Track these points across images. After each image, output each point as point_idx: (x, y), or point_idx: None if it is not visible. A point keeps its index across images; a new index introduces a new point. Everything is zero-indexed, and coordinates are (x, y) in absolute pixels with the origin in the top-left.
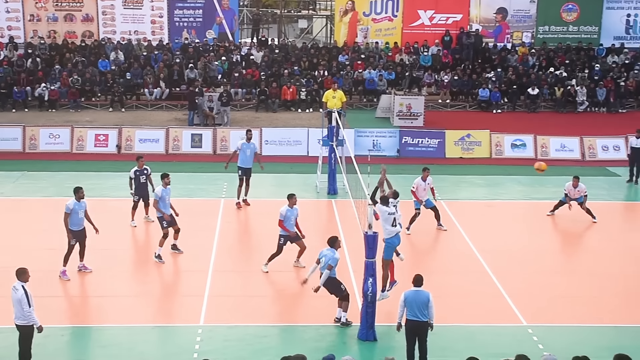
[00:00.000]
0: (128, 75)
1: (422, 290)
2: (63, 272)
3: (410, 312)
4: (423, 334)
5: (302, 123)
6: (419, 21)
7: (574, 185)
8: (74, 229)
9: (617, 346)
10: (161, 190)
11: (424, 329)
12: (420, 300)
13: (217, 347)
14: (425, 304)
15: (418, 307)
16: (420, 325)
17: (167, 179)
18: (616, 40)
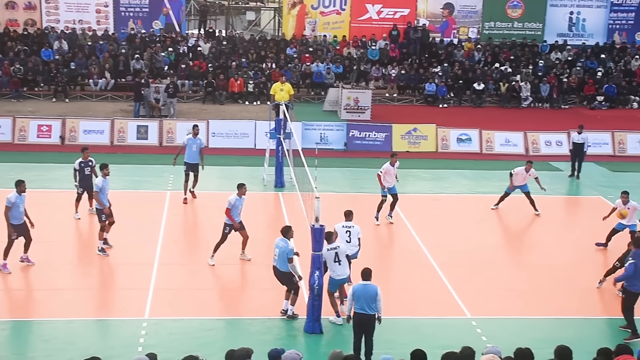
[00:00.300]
0: (72, 65)
1: (371, 284)
2: (3, 265)
3: (358, 306)
4: (370, 328)
5: (249, 115)
6: (366, 15)
7: (526, 169)
8: (15, 222)
9: (559, 338)
10: (101, 181)
11: (371, 323)
12: (368, 294)
13: (162, 340)
14: (373, 297)
15: (366, 300)
16: (367, 318)
17: (107, 170)
18: (559, 37)
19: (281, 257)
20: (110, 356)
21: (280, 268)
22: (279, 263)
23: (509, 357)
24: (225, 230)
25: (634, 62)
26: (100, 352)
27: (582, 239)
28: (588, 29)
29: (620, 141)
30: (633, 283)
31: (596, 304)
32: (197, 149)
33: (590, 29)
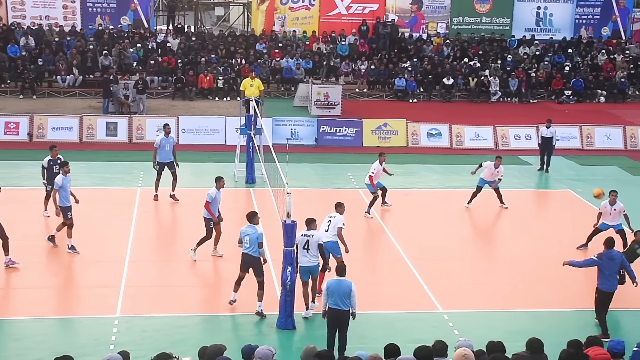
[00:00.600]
0: (39, 62)
1: (345, 280)
2: None
3: (332, 301)
4: (344, 323)
5: (219, 112)
6: (335, 10)
7: (495, 165)
8: None
9: (530, 330)
10: (61, 179)
11: (345, 318)
12: (342, 289)
13: (134, 338)
14: (347, 293)
15: (340, 296)
16: (341, 314)
17: (67, 167)
18: (527, 32)
19: (252, 243)
20: (82, 354)
21: (253, 254)
22: (251, 250)
23: (480, 350)
24: (210, 225)
25: (601, 56)
26: (72, 351)
27: (552, 232)
28: (555, 24)
29: (588, 135)
30: (604, 282)
31: (567, 297)
32: (170, 148)
33: (557, 24)
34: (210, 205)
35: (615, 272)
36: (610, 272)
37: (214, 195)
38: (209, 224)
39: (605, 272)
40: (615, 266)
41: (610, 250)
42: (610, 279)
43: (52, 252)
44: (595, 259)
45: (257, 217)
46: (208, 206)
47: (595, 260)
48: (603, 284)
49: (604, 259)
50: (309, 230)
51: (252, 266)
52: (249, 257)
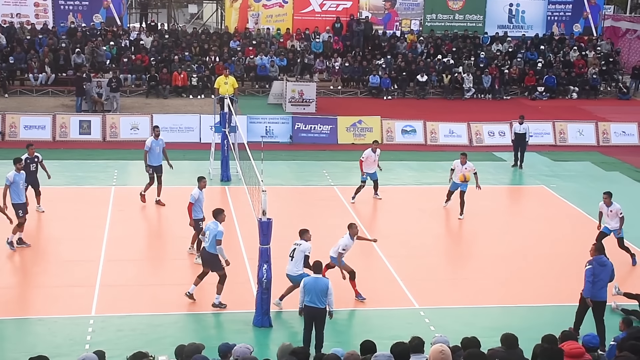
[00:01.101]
0: (11, 60)
1: (322, 278)
2: None
3: (308, 298)
4: (320, 321)
5: (193, 109)
6: (309, 8)
7: (461, 161)
8: None
9: (504, 326)
10: (13, 175)
11: (321, 316)
12: (318, 287)
13: (109, 337)
14: (324, 291)
15: (316, 293)
16: (318, 311)
17: (20, 164)
18: (500, 29)
19: (211, 238)
20: (57, 354)
21: (209, 250)
22: (209, 245)
23: (456, 346)
24: (200, 225)
25: (573, 53)
26: (47, 351)
27: (526, 228)
28: (527, 21)
29: (561, 131)
30: (595, 291)
31: (541, 292)
32: (160, 150)
33: (529, 20)
34: (192, 207)
35: (606, 280)
36: (599, 279)
37: (197, 196)
38: (198, 225)
39: (595, 279)
40: (607, 273)
41: (600, 256)
42: (599, 286)
43: (25, 251)
44: (589, 267)
45: (223, 215)
46: (190, 207)
47: (590, 269)
48: (594, 294)
49: (595, 264)
50: (300, 240)
51: (209, 261)
52: (205, 253)
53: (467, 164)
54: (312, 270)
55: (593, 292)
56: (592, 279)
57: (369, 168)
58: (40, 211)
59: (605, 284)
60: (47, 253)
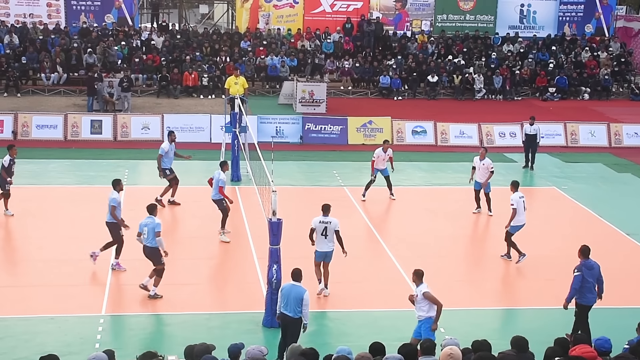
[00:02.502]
0: (23, 60)
1: (299, 286)
2: None
3: (283, 305)
4: (292, 331)
5: (204, 109)
6: (320, 8)
7: (480, 157)
8: None
9: (516, 328)
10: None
11: (294, 326)
12: (294, 295)
13: (119, 336)
14: (299, 300)
15: (290, 302)
16: (290, 320)
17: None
18: (511, 29)
19: (149, 233)
20: (68, 353)
21: (149, 245)
22: (148, 240)
23: (467, 348)
24: (223, 204)
25: (584, 53)
26: (57, 350)
27: (537, 230)
28: (539, 21)
29: (573, 132)
30: (582, 295)
31: (552, 294)
32: (172, 153)
33: (540, 21)
34: (161, 158)
35: (594, 283)
36: (588, 283)
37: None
38: (221, 204)
39: (585, 284)
40: (594, 276)
41: (588, 260)
42: (588, 291)
43: (38, 250)
44: (578, 273)
45: (157, 209)
46: (222, 191)
47: (578, 275)
48: (581, 297)
49: (584, 269)
50: (326, 216)
51: (150, 256)
52: (146, 248)
53: (486, 159)
54: (292, 277)
55: (586, 297)
56: (581, 285)
57: (379, 165)
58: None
59: (593, 287)
60: (58, 252)
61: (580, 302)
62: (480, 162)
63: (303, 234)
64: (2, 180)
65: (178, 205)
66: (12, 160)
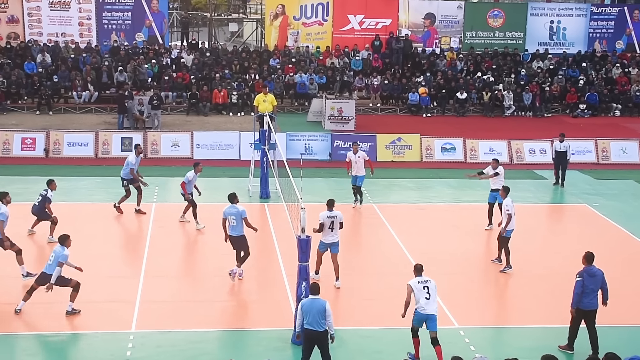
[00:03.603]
0: (55, 78)
1: (319, 299)
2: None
3: (307, 321)
4: (323, 345)
5: (233, 127)
6: (349, 26)
7: (493, 166)
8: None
9: (545, 347)
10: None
11: (322, 340)
12: (315, 308)
13: (149, 353)
14: (322, 312)
15: (314, 316)
16: (316, 335)
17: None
18: (540, 46)
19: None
20: None
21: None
22: (50, 266)
23: None
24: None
25: (615, 70)
26: None
27: (567, 247)
28: (569, 38)
29: (604, 149)
30: (583, 299)
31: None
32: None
33: (570, 37)
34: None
35: (596, 290)
36: (589, 289)
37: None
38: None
39: (585, 289)
40: (596, 283)
41: (590, 266)
42: (585, 296)
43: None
44: (579, 279)
45: (69, 240)
46: (183, 186)
47: (579, 281)
48: (584, 303)
49: (585, 275)
50: (331, 211)
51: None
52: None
53: (499, 168)
54: (310, 291)
55: (583, 302)
56: (582, 290)
57: (359, 172)
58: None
59: (595, 293)
60: (89, 269)
61: (585, 308)
62: (494, 170)
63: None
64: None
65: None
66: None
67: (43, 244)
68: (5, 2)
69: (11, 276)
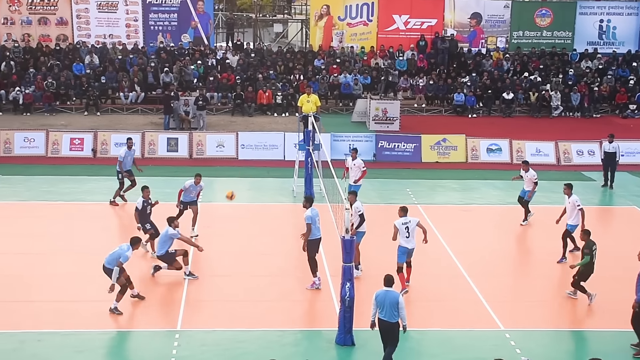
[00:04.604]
0: (103, 79)
1: (392, 291)
2: None
3: (381, 312)
4: (393, 336)
5: (278, 127)
6: (394, 26)
7: (524, 169)
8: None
9: (593, 351)
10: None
11: (395, 331)
12: (390, 300)
13: (194, 352)
14: (395, 304)
15: (388, 307)
16: (390, 326)
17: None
18: (589, 45)
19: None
20: None
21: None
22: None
23: None
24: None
25: None
26: None
27: (617, 250)
28: (619, 37)
29: None
30: None
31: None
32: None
33: (621, 36)
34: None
35: None
36: None
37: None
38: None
39: None
40: None
41: None
42: None
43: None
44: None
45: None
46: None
47: None
48: None
49: None
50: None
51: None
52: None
53: (530, 172)
54: (384, 283)
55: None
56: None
57: (356, 175)
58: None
59: None
60: (135, 268)
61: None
62: (526, 174)
63: (375, 252)
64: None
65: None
66: (145, 202)
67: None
68: (55, 5)
69: (59, 274)
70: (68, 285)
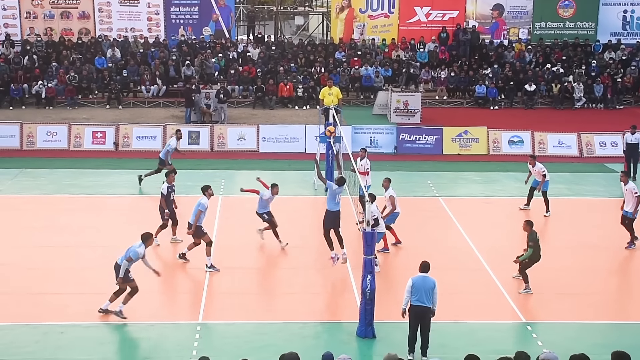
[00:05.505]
0: (125, 73)
1: (429, 277)
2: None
3: (415, 298)
4: (427, 320)
5: (299, 120)
6: (415, 18)
7: (531, 164)
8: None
9: (616, 343)
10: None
11: (428, 315)
12: (427, 286)
13: (215, 344)
14: (432, 290)
15: (424, 292)
16: (424, 310)
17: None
18: (613, 36)
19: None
20: (166, 358)
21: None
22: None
23: None
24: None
25: None
26: (155, 356)
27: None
28: None
29: None
30: None
31: None
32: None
33: None
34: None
35: None
36: None
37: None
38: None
39: None
40: None
41: None
42: None
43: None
44: None
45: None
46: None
47: None
48: None
49: None
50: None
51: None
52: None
53: (537, 165)
54: (420, 269)
55: None
56: None
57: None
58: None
59: None
60: (157, 260)
61: None
62: (533, 168)
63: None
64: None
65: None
66: (170, 187)
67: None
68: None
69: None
70: (90, 278)
